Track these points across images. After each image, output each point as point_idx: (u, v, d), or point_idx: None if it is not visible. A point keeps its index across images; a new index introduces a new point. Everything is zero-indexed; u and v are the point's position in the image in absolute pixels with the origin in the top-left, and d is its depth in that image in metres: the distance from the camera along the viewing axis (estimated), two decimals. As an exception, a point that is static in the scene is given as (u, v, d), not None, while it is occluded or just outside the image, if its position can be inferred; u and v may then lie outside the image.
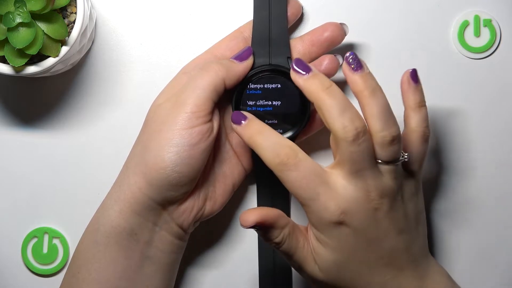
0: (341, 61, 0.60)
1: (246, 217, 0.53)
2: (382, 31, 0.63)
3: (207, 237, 0.63)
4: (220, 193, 0.59)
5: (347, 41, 0.62)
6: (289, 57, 0.59)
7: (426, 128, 0.55)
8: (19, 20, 0.53)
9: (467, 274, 0.63)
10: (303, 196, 0.52)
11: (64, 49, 0.56)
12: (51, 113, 0.63)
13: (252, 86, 0.58)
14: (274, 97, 0.58)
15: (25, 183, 0.63)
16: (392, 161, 0.52)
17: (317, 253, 0.54)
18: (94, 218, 0.57)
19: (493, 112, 0.63)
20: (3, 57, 0.55)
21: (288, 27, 0.59)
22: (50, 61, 0.56)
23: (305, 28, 0.62)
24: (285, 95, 0.58)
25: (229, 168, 0.59)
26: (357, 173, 0.52)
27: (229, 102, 0.59)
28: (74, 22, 0.57)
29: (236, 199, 0.62)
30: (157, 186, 0.54)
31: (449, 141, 0.63)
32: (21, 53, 0.54)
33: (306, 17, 0.63)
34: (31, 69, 0.56)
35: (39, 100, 0.63)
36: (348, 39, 0.61)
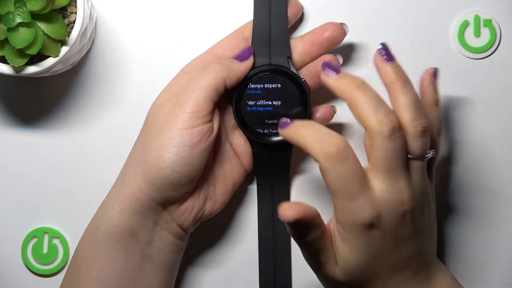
0: (341, 61, 0.60)
1: (286, 211, 0.51)
2: (382, 31, 0.63)
3: (207, 237, 0.63)
4: (220, 193, 0.59)
5: (347, 41, 0.62)
6: (289, 57, 0.59)
7: (439, 126, 0.56)
8: (19, 20, 0.53)
9: (467, 274, 0.63)
10: (343, 193, 0.50)
11: (64, 49, 0.56)
12: (51, 113, 0.63)
13: (252, 86, 0.58)
14: (274, 97, 0.58)
15: (25, 183, 0.63)
16: (422, 156, 0.52)
17: (340, 253, 0.52)
18: (94, 218, 0.57)
19: (493, 112, 0.63)
20: (3, 57, 0.55)
21: (288, 27, 0.59)
22: (50, 61, 0.56)
23: (305, 28, 0.62)
24: (285, 95, 0.58)
25: (229, 168, 0.59)
26: (392, 172, 0.51)
27: (229, 102, 0.59)
28: (74, 22, 0.57)
29: (236, 199, 0.62)
30: (157, 186, 0.54)
31: (449, 141, 0.63)
32: (21, 53, 0.54)
33: (306, 17, 0.63)
34: (31, 69, 0.56)
35: (39, 100, 0.63)
36: (348, 39, 0.61)
